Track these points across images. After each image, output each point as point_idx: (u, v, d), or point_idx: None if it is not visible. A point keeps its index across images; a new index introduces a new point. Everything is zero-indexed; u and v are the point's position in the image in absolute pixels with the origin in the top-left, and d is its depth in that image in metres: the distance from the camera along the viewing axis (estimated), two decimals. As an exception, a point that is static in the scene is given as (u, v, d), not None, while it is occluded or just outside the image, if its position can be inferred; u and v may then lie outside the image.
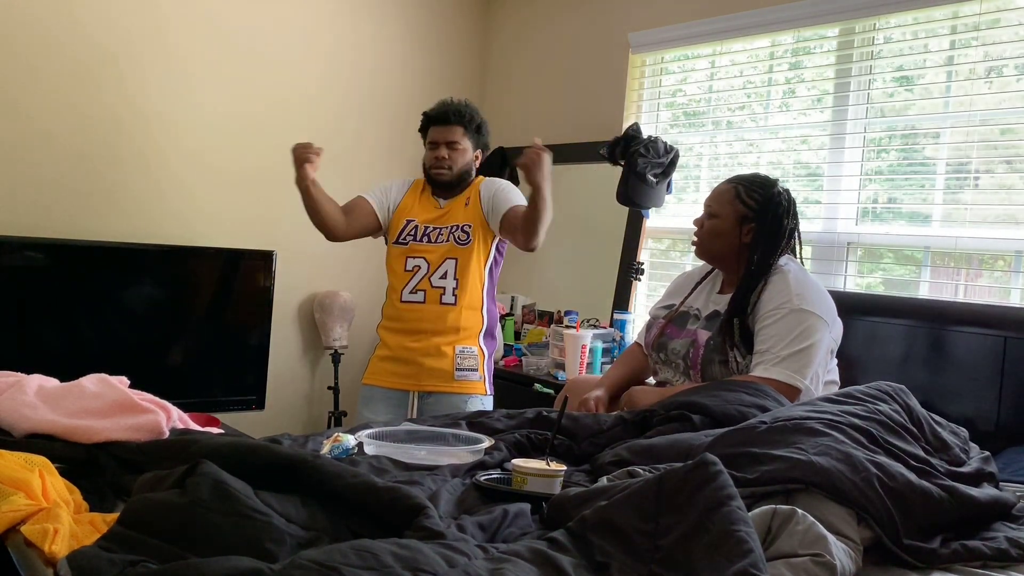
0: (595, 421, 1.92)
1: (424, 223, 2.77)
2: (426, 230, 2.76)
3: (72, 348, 3.05)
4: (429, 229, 2.76)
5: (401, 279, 2.74)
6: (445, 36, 4.17)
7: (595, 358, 3.16)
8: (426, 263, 2.73)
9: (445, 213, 2.78)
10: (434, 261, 2.72)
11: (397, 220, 2.79)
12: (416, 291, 2.72)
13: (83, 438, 1.60)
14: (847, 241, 2.93)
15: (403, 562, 1.07)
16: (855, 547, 1.32)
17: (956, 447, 1.76)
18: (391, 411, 2.72)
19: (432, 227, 2.76)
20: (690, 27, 3.37)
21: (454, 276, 2.71)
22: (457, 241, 2.73)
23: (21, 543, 1.22)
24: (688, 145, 3.49)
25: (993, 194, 2.64)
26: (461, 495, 1.52)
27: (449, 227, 2.74)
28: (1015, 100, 2.58)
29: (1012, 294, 2.56)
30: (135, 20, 3.27)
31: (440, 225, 2.76)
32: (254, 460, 1.39)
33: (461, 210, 2.77)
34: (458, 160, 2.75)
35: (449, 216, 2.77)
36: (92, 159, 3.22)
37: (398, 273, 2.76)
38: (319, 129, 3.77)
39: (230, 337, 3.46)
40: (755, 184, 2.26)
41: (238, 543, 1.16)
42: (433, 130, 2.78)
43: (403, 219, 2.78)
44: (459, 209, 2.77)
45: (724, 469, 1.24)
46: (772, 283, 2.16)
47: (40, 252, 3.02)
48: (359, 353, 3.95)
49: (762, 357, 2.08)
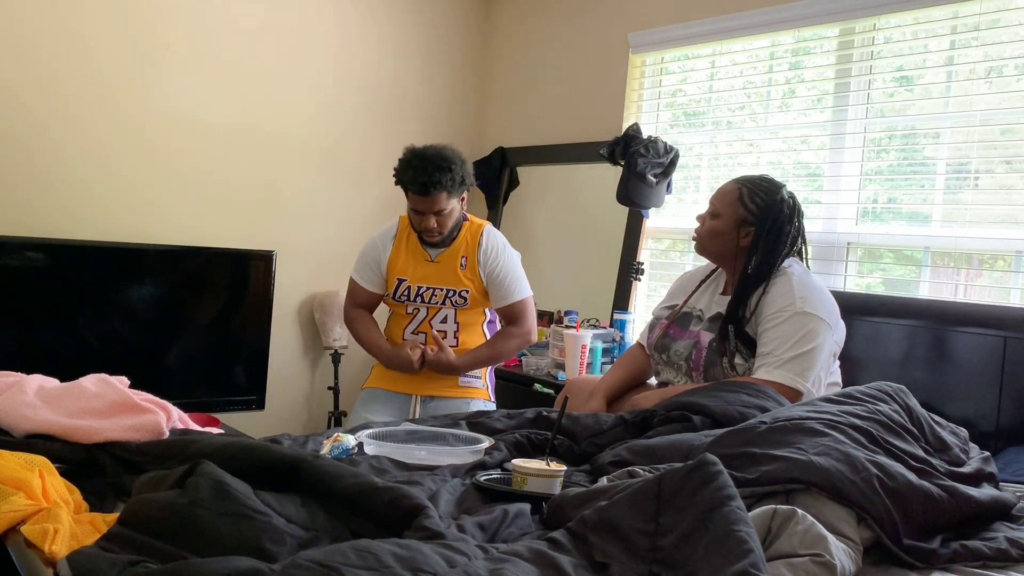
0: (595, 421, 1.92)
1: (416, 282, 2.71)
2: (419, 290, 2.71)
3: (72, 348, 3.05)
4: (423, 290, 2.71)
5: (402, 319, 2.77)
6: (445, 36, 4.17)
7: (595, 358, 3.15)
8: (425, 310, 2.74)
9: (438, 270, 2.72)
10: (432, 310, 2.74)
11: (390, 278, 2.76)
12: (418, 332, 2.75)
13: (83, 438, 1.60)
14: (847, 241, 2.92)
15: (403, 562, 1.07)
16: (855, 547, 1.32)
17: (956, 447, 1.76)
18: (392, 412, 2.72)
19: (425, 287, 2.71)
20: (690, 27, 3.37)
21: (454, 321, 2.73)
22: (454, 304, 2.72)
23: (21, 543, 1.22)
24: (688, 145, 3.48)
25: (993, 194, 2.64)
26: (461, 495, 1.52)
27: (445, 291, 2.70)
28: (1015, 100, 2.58)
29: (1012, 294, 2.56)
30: (137, 20, 3.26)
31: (434, 286, 2.70)
32: (254, 460, 1.39)
33: (456, 271, 2.70)
34: (447, 223, 2.66)
35: (443, 275, 2.71)
36: (92, 160, 3.22)
37: (400, 314, 2.78)
38: (319, 130, 3.78)
39: (230, 337, 3.46)
40: (759, 188, 2.25)
41: (238, 543, 1.16)
42: (414, 198, 2.61)
43: (395, 278, 2.74)
44: (453, 268, 2.71)
45: (724, 469, 1.24)
46: (776, 285, 2.16)
47: (40, 252, 3.02)
48: (359, 353, 3.94)
49: (765, 360, 2.08)
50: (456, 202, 2.67)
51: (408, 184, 2.60)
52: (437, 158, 2.56)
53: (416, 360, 2.65)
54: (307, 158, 3.76)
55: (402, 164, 2.63)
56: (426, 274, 2.72)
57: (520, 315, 2.75)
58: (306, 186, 3.76)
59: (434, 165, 2.55)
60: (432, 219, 2.62)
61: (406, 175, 2.59)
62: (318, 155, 3.79)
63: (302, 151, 3.74)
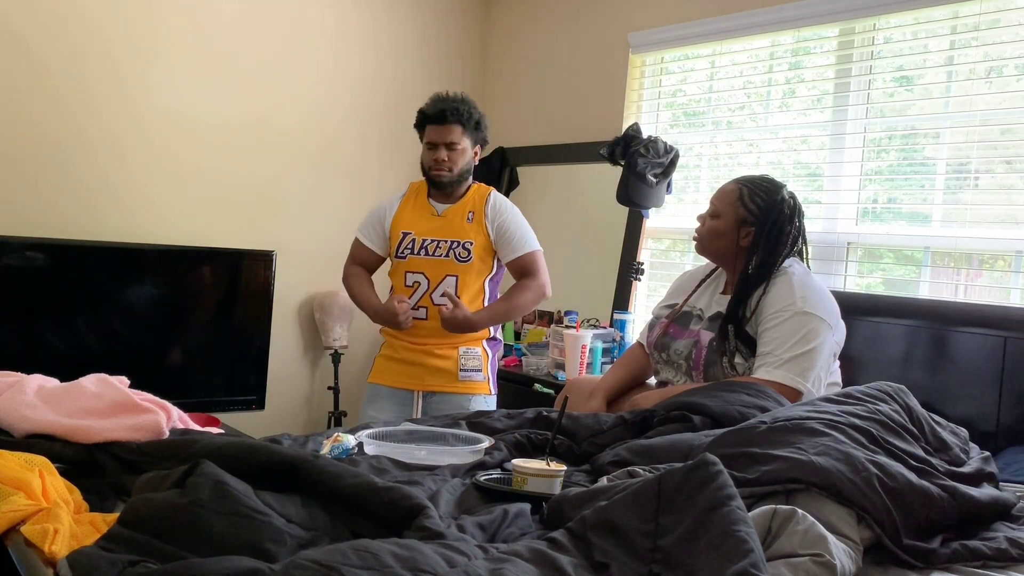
0: (595, 421, 1.92)
1: (421, 235, 2.72)
2: (424, 243, 2.71)
3: (72, 348, 3.05)
4: (427, 242, 2.71)
5: (403, 292, 2.74)
6: (445, 36, 4.17)
7: (595, 358, 3.16)
8: (426, 279, 2.70)
9: (444, 223, 2.72)
10: (433, 278, 2.70)
11: (394, 233, 2.75)
12: (418, 308, 2.71)
13: (83, 438, 1.60)
14: (847, 241, 2.93)
15: (403, 562, 1.07)
16: (855, 547, 1.32)
17: (956, 447, 1.76)
18: (395, 409, 2.72)
19: (430, 239, 2.71)
20: (690, 27, 3.37)
21: (455, 294, 2.69)
22: (457, 258, 2.69)
23: (21, 543, 1.22)
24: (688, 145, 3.48)
25: (993, 194, 2.64)
26: (461, 495, 1.52)
27: (449, 242, 2.69)
28: (1015, 100, 2.58)
29: (1012, 294, 2.56)
30: (136, 20, 3.26)
31: (439, 238, 2.71)
32: (254, 460, 1.39)
33: (462, 224, 2.71)
34: (458, 161, 2.69)
35: (448, 228, 2.71)
36: (93, 159, 3.22)
37: (400, 288, 2.75)
38: (319, 129, 3.78)
39: (230, 337, 3.46)
40: (760, 188, 2.25)
41: (238, 543, 1.16)
42: (430, 129, 2.69)
43: (399, 231, 2.74)
44: (459, 221, 2.72)
45: (724, 469, 1.24)
46: (776, 285, 2.16)
47: (40, 252, 3.02)
48: (359, 353, 3.95)
49: (765, 359, 2.08)
50: (469, 144, 2.72)
51: (427, 110, 2.70)
52: (458, 97, 2.73)
53: (402, 312, 2.62)
54: (307, 158, 3.76)
55: (427, 102, 2.75)
56: (431, 227, 2.72)
57: (533, 267, 2.75)
58: (306, 186, 3.76)
59: (454, 99, 2.71)
60: (443, 151, 2.67)
61: (427, 106, 2.72)
62: (318, 155, 3.79)
63: (302, 151, 3.74)
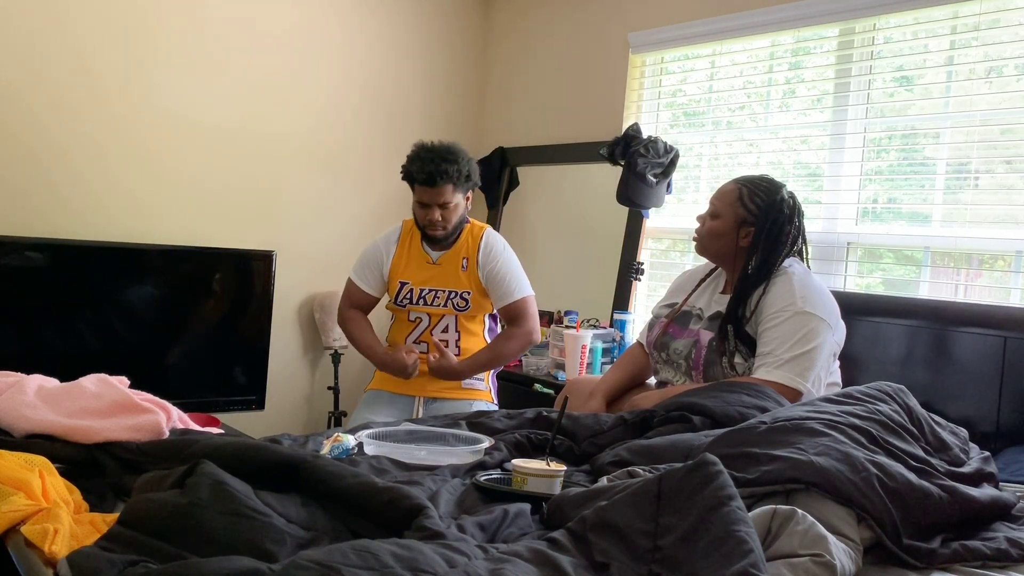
0: (595, 421, 1.92)
1: (419, 285, 2.72)
2: (422, 293, 2.72)
3: (72, 348, 3.05)
4: (424, 292, 2.72)
5: (404, 327, 2.78)
6: (445, 36, 4.17)
7: (595, 358, 3.15)
8: (427, 317, 2.75)
9: (439, 272, 2.73)
10: (434, 317, 2.74)
11: (392, 282, 2.76)
12: (420, 342, 2.75)
13: (83, 438, 1.60)
14: (847, 241, 2.92)
15: (403, 562, 1.07)
16: (855, 547, 1.32)
17: (956, 447, 1.76)
18: (394, 413, 2.72)
19: (427, 290, 2.72)
20: (690, 27, 3.37)
21: (455, 329, 2.73)
22: (456, 308, 2.72)
23: (21, 543, 1.22)
24: (688, 145, 3.48)
25: (993, 194, 2.64)
26: (461, 495, 1.52)
27: (447, 292, 2.71)
28: (1015, 100, 2.58)
29: (1012, 294, 2.56)
30: (139, 21, 3.26)
31: (436, 288, 2.71)
32: (254, 460, 1.39)
33: (457, 273, 2.72)
34: (452, 217, 2.68)
35: (444, 277, 2.72)
36: (93, 160, 3.22)
37: (402, 321, 2.78)
38: (319, 130, 3.78)
39: (230, 337, 3.46)
40: (759, 188, 2.25)
41: (238, 543, 1.16)
42: (420, 190, 2.65)
43: (397, 281, 2.74)
44: (454, 270, 2.72)
45: (724, 469, 1.24)
46: (776, 285, 2.16)
47: (40, 252, 3.02)
48: (359, 353, 3.95)
49: (765, 359, 2.08)
50: (461, 198, 2.69)
51: (416, 174, 2.63)
52: (444, 151, 2.63)
53: (411, 364, 2.65)
54: (307, 158, 3.76)
55: (410, 157, 2.68)
56: (428, 276, 2.73)
57: (521, 314, 2.75)
58: (306, 186, 3.76)
59: (441, 157, 2.61)
60: (437, 212, 2.64)
61: (414, 166, 2.64)
62: (318, 155, 3.79)
63: (302, 151, 3.74)
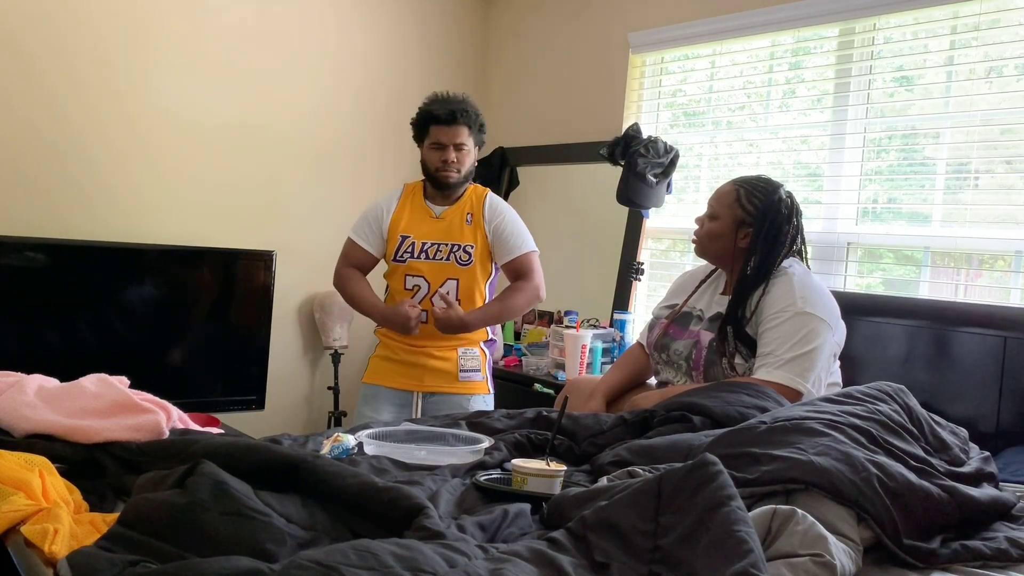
0: (595, 421, 1.92)
1: (421, 238, 2.68)
2: (424, 247, 2.67)
3: (72, 348, 3.05)
4: (427, 245, 2.67)
5: (402, 294, 2.69)
6: (445, 36, 4.17)
7: (595, 358, 3.16)
8: (426, 283, 2.67)
9: (443, 226, 2.69)
10: (434, 281, 2.67)
11: (392, 236, 2.70)
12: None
13: (83, 438, 1.60)
14: (847, 241, 2.93)
15: (403, 562, 1.07)
16: (855, 547, 1.32)
17: (956, 447, 1.76)
18: (394, 411, 2.71)
19: (430, 243, 2.68)
20: (690, 27, 3.37)
21: (456, 297, 2.66)
22: (459, 261, 2.67)
23: (21, 543, 1.22)
24: (688, 145, 3.48)
25: (993, 194, 2.64)
26: (461, 495, 1.51)
27: (450, 245, 2.67)
28: (1015, 100, 2.58)
29: (1012, 294, 2.56)
30: (137, 22, 3.26)
31: (439, 241, 2.68)
32: (254, 460, 1.39)
33: (461, 226, 2.69)
34: (465, 161, 2.67)
35: (448, 231, 2.69)
36: (93, 160, 3.22)
37: (398, 290, 2.71)
38: (319, 130, 3.78)
39: (230, 337, 3.46)
40: (757, 188, 2.24)
41: (238, 543, 1.16)
42: (437, 130, 2.65)
43: (398, 234, 2.69)
44: (459, 224, 2.69)
45: (724, 469, 1.24)
46: (776, 286, 2.15)
47: (40, 252, 3.02)
48: (359, 353, 3.95)
49: (765, 360, 2.08)
50: (473, 145, 2.71)
51: (437, 111, 2.64)
52: (460, 97, 2.71)
53: (414, 317, 2.59)
54: (307, 158, 3.76)
55: (427, 102, 2.71)
56: (431, 230, 2.68)
57: (528, 269, 2.73)
58: (306, 186, 3.76)
59: (460, 100, 2.69)
60: (452, 152, 2.64)
61: (433, 105, 2.67)
62: (318, 155, 3.79)
63: (302, 151, 3.74)
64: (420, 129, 2.72)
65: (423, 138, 2.71)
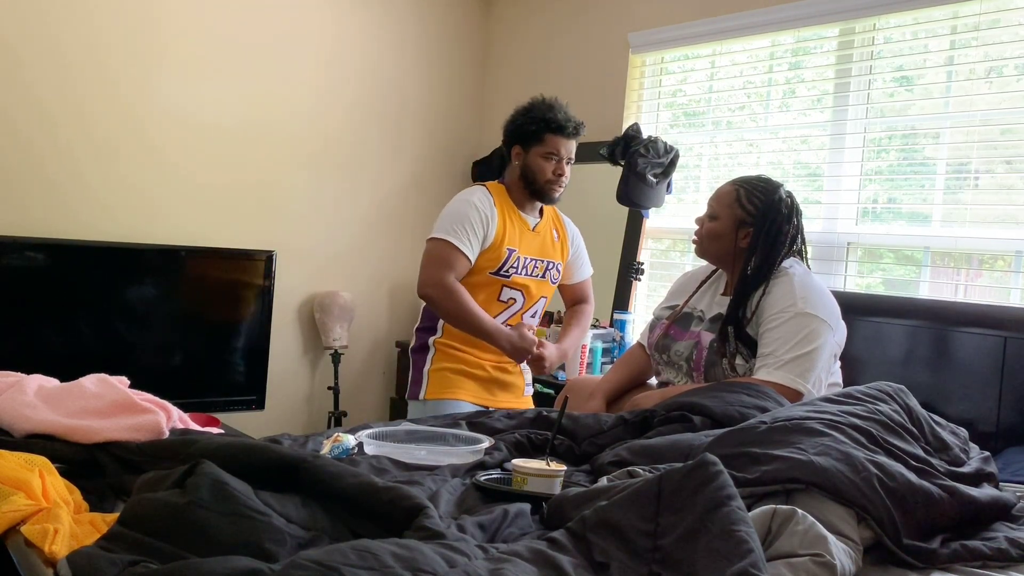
0: (595, 421, 1.92)
1: (525, 255, 2.53)
2: (526, 262, 2.53)
3: (72, 348, 3.05)
4: (528, 260, 2.53)
5: (492, 307, 2.50)
6: (445, 36, 4.17)
7: (595, 358, 3.15)
8: (522, 298, 2.53)
9: (539, 242, 2.57)
10: (529, 297, 2.55)
11: (498, 247, 2.47)
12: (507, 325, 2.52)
13: (83, 438, 1.59)
14: (847, 241, 2.93)
15: (403, 562, 1.07)
16: (855, 547, 1.32)
17: (956, 447, 1.76)
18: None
19: (530, 259, 2.54)
20: (690, 27, 3.37)
21: (540, 315, 2.61)
22: (552, 280, 2.61)
23: (21, 543, 1.22)
24: (688, 145, 3.49)
25: (993, 194, 2.64)
26: (461, 495, 1.51)
27: (545, 262, 2.57)
28: (1015, 100, 2.58)
29: (1012, 294, 2.56)
30: (136, 22, 3.26)
31: (538, 258, 2.56)
32: (254, 460, 1.39)
33: (551, 243, 2.60)
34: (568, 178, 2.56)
35: (544, 248, 2.58)
36: (93, 160, 3.22)
37: (489, 300, 2.50)
38: (319, 130, 3.78)
39: (230, 337, 3.46)
40: (757, 188, 2.24)
41: (238, 543, 1.16)
42: (556, 140, 2.47)
43: (505, 248, 2.48)
44: (550, 240, 2.60)
45: (724, 469, 1.24)
46: (776, 286, 2.15)
47: (40, 252, 3.02)
48: (359, 353, 3.95)
49: (765, 360, 2.08)
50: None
51: (559, 121, 2.46)
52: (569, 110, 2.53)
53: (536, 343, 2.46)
54: (307, 158, 3.76)
55: (542, 108, 2.51)
56: (531, 245, 2.54)
57: (590, 291, 2.73)
58: (306, 186, 3.76)
59: (572, 113, 2.51)
60: (566, 166, 2.50)
61: (557, 115, 2.48)
62: (318, 155, 3.79)
63: (302, 151, 3.74)
64: (533, 135, 2.51)
65: (531, 144, 2.51)
